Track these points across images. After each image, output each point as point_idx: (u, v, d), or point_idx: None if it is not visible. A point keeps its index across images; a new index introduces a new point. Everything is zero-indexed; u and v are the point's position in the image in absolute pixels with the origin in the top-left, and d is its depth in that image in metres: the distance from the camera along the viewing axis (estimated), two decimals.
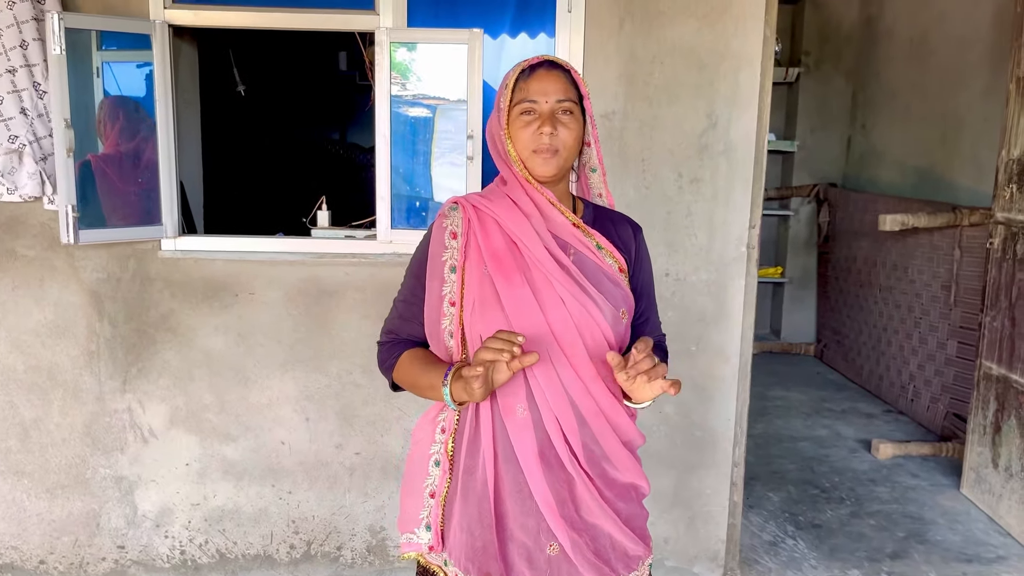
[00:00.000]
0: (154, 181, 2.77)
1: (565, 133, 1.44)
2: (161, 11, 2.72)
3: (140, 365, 2.87)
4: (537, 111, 1.44)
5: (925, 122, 5.02)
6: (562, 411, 1.41)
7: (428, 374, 1.44)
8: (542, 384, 1.41)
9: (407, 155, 2.86)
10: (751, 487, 3.68)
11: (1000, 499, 3.44)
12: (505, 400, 1.41)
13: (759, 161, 2.78)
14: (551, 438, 1.41)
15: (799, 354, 6.15)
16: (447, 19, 2.90)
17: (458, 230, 1.47)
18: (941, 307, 4.36)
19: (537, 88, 1.44)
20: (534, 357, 1.26)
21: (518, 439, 1.41)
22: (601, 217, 1.57)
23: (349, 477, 2.95)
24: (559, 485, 1.42)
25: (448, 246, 1.47)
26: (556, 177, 1.48)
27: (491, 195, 1.51)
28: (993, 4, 4.34)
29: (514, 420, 1.41)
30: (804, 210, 6.23)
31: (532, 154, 1.44)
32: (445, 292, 1.45)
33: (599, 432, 1.44)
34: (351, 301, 2.85)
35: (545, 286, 1.42)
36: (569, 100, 1.45)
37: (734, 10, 2.69)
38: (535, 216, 1.46)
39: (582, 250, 1.48)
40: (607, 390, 1.44)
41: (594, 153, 1.57)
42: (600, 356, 1.43)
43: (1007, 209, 3.45)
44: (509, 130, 1.46)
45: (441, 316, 1.46)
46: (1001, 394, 3.46)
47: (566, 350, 1.41)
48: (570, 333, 1.41)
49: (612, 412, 1.45)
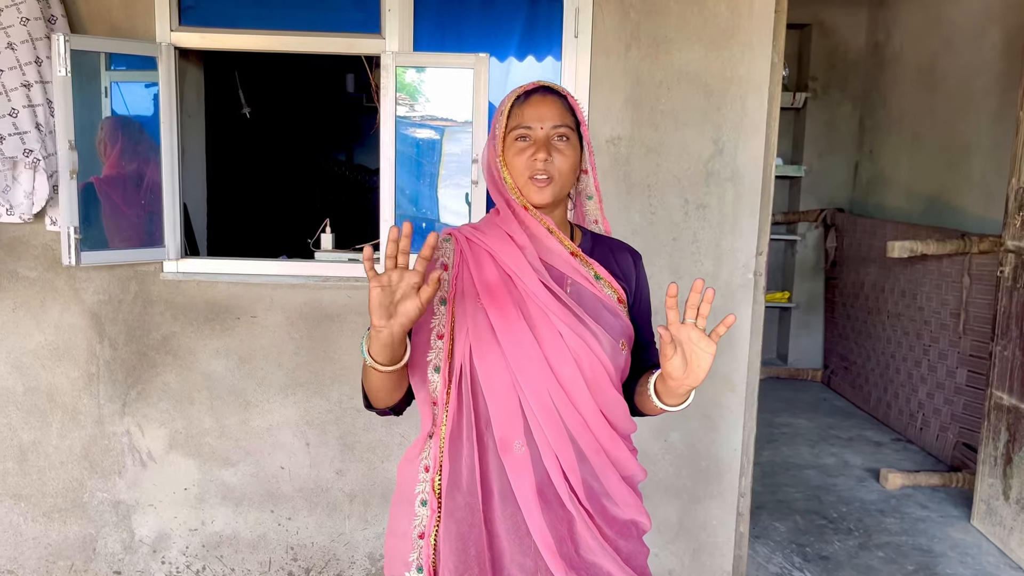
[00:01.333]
0: (157, 203, 2.76)
1: (560, 159, 1.42)
2: (167, 33, 2.72)
3: (140, 388, 2.85)
4: (532, 137, 1.42)
5: (933, 148, 5.00)
6: (561, 447, 1.37)
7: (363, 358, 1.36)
8: (540, 419, 1.36)
9: (413, 177, 2.84)
10: (757, 517, 3.62)
11: (1011, 532, 3.37)
12: (503, 435, 1.37)
13: (766, 187, 2.76)
14: (550, 475, 1.37)
15: (806, 380, 6.09)
16: (453, 43, 2.89)
17: (449, 262, 1.44)
18: (950, 335, 4.31)
19: (532, 114, 1.42)
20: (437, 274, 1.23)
21: (516, 476, 1.36)
22: (600, 245, 1.54)
23: (349, 503, 2.91)
24: (558, 523, 1.38)
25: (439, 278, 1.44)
26: (552, 204, 1.45)
27: (484, 226, 1.48)
28: (1001, 31, 4.33)
29: (512, 456, 1.36)
30: (811, 235, 6.20)
31: (528, 181, 1.41)
32: (433, 325, 1.41)
33: (599, 468, 1.40)
34: (353, 325, 2.82)
35: (542, 319, 1.38)
36: (565, 126, 1.43)
37: (741, 36, 2.68)
38: (529, 248, 1.43)
39: (580, 281, 1.44)
40: (607, 424, 1.40)
41: (591, 180, 1.54)
42: (600, 388, 1.39)
43: (1018, 237, 3.42)
44: (504, 157, 1.44)
45: (428, 349, 1.40)
46: (1012, 424, 3.41)
47: (565, 384, 1.37)
48: (568, 366, 1.37)
49: (612, 447, 1.41)
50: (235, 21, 2.80)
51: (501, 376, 1.37)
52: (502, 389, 1.37)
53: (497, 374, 1.36)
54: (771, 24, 2.67)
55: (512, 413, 1.36)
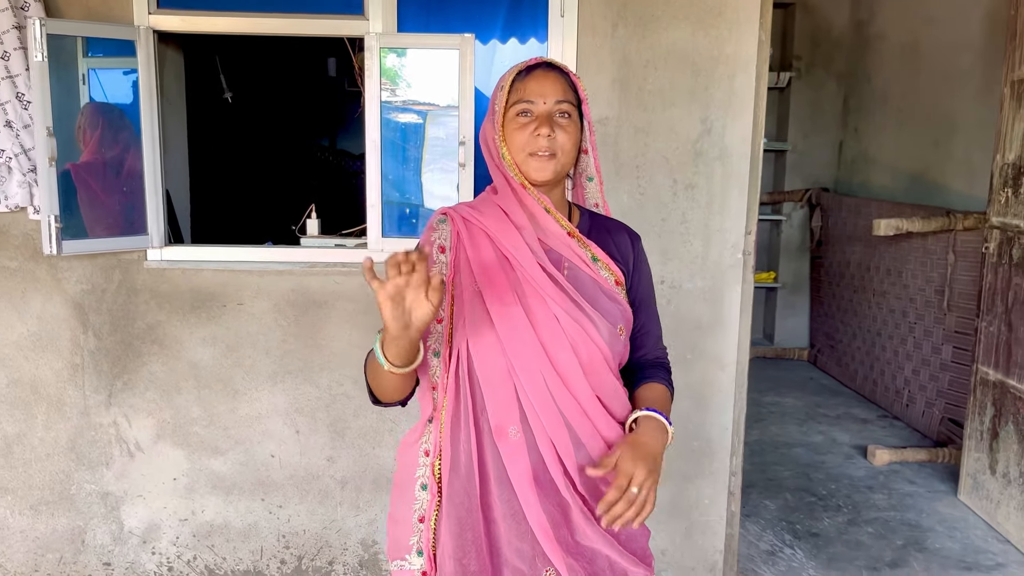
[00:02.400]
0: (139, 190, 2.72)
1: (563, 136, 1.39)
2: (145, 16, 2.67)
3: (126, 378, 2.81)
4: (534, 112, 1.39)
5: (917, 126, 5.01)
6: (557, 433, 1.35)
7: (374, 355, 1.32)
8: (536, 405, 1.34)
9: (398, 162, 2.81)
10: (747, 495, 3.65)
11: (998, 506, 3.41)
12: (498, 421, 1.35)
13: (754, 167, 2.75)
14: (545, 461, 1.36)
15: (793, 359, 6.12)
16: (438, 24, 2.85)
17: (447, 244, 1.41)
18: (935, 312, 4.34)
19: (535, 89, 1.39)
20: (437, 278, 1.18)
21: (511, 462, 1.35)
22: (598, 226, 1.52)
23: (341, 490, 2.89)
24: (554, 509, 1.36)
25: (436, 260, 1.40)
26: (553, 182, 1.42)
27: (481, 205, 1.45)
28: (984, 8, 4.33)
29: (507, 442, 1.35)
30: (797, 215, 6.21)
31: (528, 157, 1.39)
32: None
33: (596, 454, 1.38)
34: (342, 311, 2.80)
35: (538, 303, 1.36)
36: (568, 102, 1.40)
37: (728, 14, 2.66)
38: (527, 228, 1.40)
39: (577, 263, 1.42)
40: (604, 410, 1.39)
41: (591, 161, 1.52)
42: (596, 374, 1.37)
43: (1002, 213, 3.43)
44: (504, 132, 1.41)
45: (427, 333, 1.38)
46: (998, 399, 3.44)
47: (560, 369, 1.35)
48: (565, 352, 1.35)
49: (609, 432, 1.40)
50: (215, 3, 2.74)
51: (496, 361, 1.35)
52: (497, 374, 1.35)
53: (492, 359, 1.35)
54: (757, 2, 2.65)
55: (507, 399, 1.35)
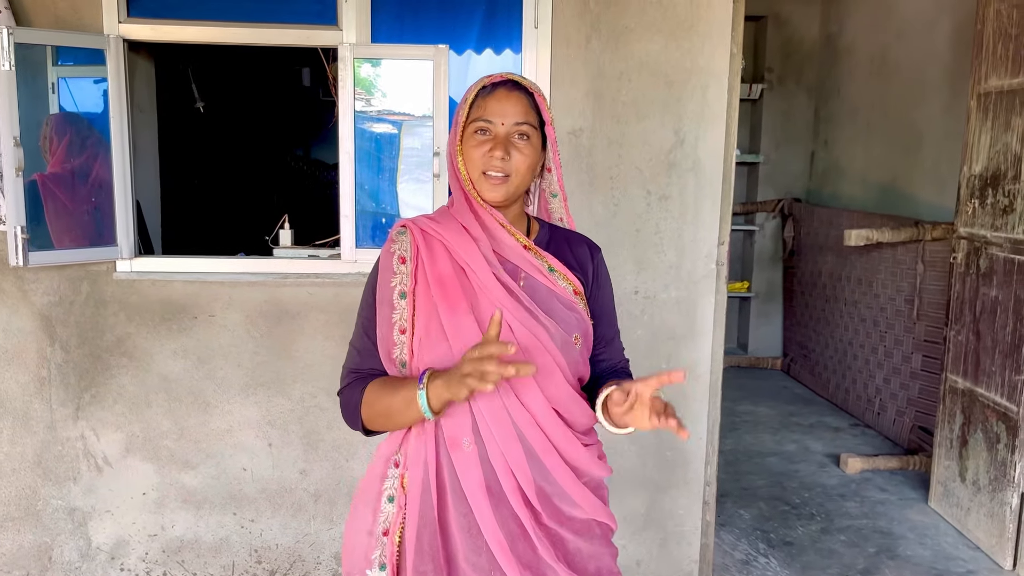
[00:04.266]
0: (108, 200, 2.68)
1: (519, 158, 1.38)
2: (115, 25, 2.64)
3: (94, 391, 2.76)
4: (492, 132, 1.39)
5: (886, 137, 5.09)
6: (509, 445, 1.34)
7: (405, 388, 1.32)
8: (487, 416, 1.33)
9: (372, 172, 2.80)
10: (722, 504, 3.66)
11: (968, 513, 3.45)
12: (451, 432, 1.34)
13: (727, 178, 2.77)
14: (497, 474, 1.34)
15: (766, 368, 6.17)
16: (412, 34, 2.85)
17: (407, 254, 1.40)
18: (905, 321, 4.40)
19: (495, 108, 1.38)
20: (530, 368, 1.20)
21: (464, 474, 1.34)
22: (557, 238, 1.51)
23: (314, 504, 2.86)
24: (509, 522, 1.34)
25: (397, 271, 1.40)
26: (506, 202, 1.42)
27: (440, 218, 1.45)
28: (951, 22, 4.41)
29: (460, 454, 1.34)
30: (769, 225, 6.27)
31: (482, 176, 1.39)
32: (395, 319, 1.38)
33: (552, 468, 1.37)
34: (315, 323, 2.77)
35: (489, 311, 1.35)
36: (527, 124, 1.39)
37: (701, 27, 2.68)
38: (483, 240, 1.40)
39: (533, 274, 1.41)
40: (560, 422, 1.37)
41: (555, 179, 1.52)
42: (552, 383, 1.36)
43: (970, 224, 3.49)
44: (462, 147, 1.40)
45: (392, 345, 1.38)
46: (967, 407, 3.49)
47: (515, 383, 1.34)
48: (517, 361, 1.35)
49: (566, 446, 1.38)
50: (186, 12, 2.72)
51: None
52: None
53: (443, 370, 1.33)
54: (730, 14, 2.68)
55: (460, 410, 1.33)
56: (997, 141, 3.30)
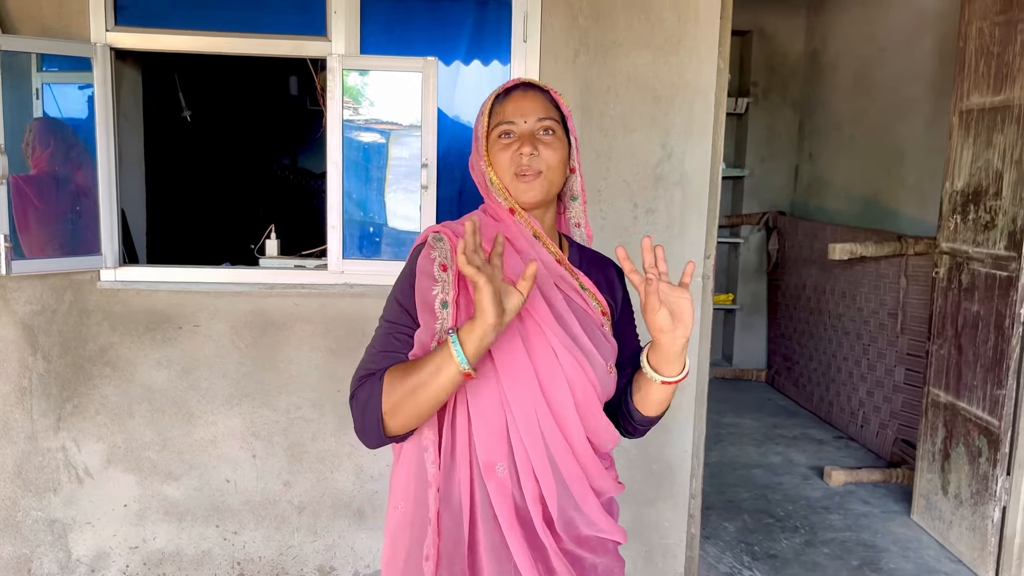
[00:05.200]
0: (93, 209, 2.67)
1: (548, 152, 1.35)
2: (103, 34, 2.63)
3: (76, 401, 2.74)
4: (516, 132, 1.35)
5: (870, 152, 5.14)
6: (543, 472, 1.31)
7: (430, 360, 1.22)
8: (525, 442, 1.30)
9: (361, 181, 2.80)
10: (707, 517, 3.66)
11: (950, 526, 3.48)
12: (486, 458, 1.30)
13: (713, 192, 2.79)
14: (527, 500, 1.31)
15: (751, 380, 6.20)
16: (401, 46, 2.86)
17: (447, 262, 1.33)
18: (888, 334, 4.43)
19: (514, 109, 1.36)
20: (534, 265, 1.17)
21: (498, 499, 1.30)
22: (587, 259, 1.48)
23: (298, 516, 2.84)
24: (536, 547, 1.32)
25: (439, 279, 1.32)
26: (543, 202, 1.38)
27: (481, 227, 1.38)
28: (933, 39, 4.47)
29: (494, 479, 1.30)
30: (754, 238, 6.31)
31: (515, 178, 1.35)
32: (437, 328, 1.30)
33: (579, 495, 1.35)
34: (300, 333, 2.76)
35: (536, 334, 1.30)
36: (550, 119, 1.36)
37: (688, 42, 2.70)
38: (529, 254, 1.35)
39: (569, 292, 1.38)
40: (591, 451, 1.35)
41: (577, 180, 1.47)
42: (590, 414, 1.33)
43: (952, 239, 3.53)
44: (489, 156, 1.37)
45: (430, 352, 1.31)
46: (949, 421, 3.52)
47: (554, 406, 1.29)
48: (561, 390, 1.29)
49: (595, 472, 1.36)
50: (174, 21, 2.72)
51: (490, 393, 1.30)
52: (489, 407, 1.30)
53: (486, 390, 1.29)
54: (716, 30, 2.70)
55: (497, 434, 1.30)
56: (979, 157, 3.34)
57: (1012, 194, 3.13)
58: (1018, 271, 3.08)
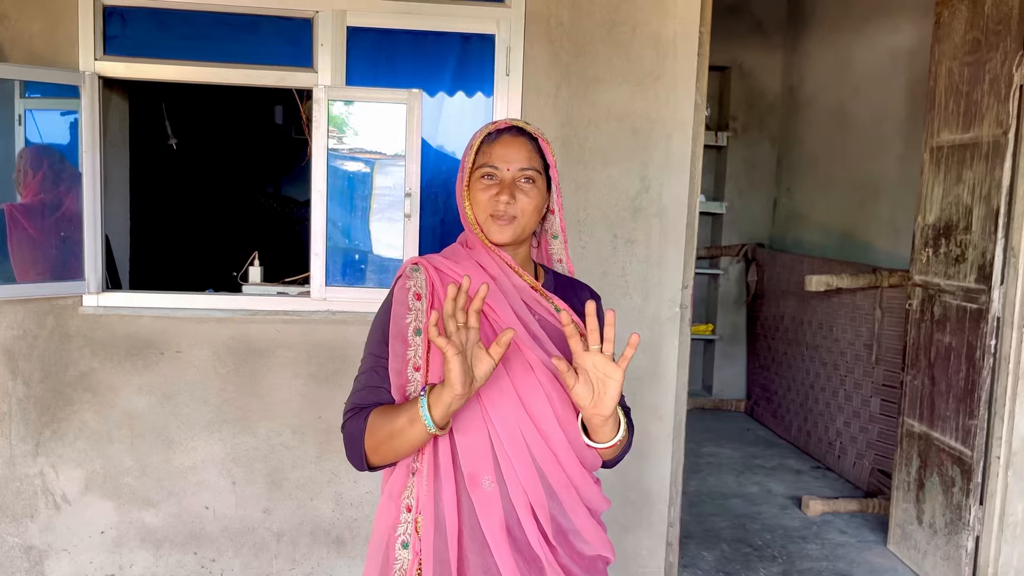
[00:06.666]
0: (77, 234, 2.68)
1: (525, 201, 1.42)
2: (92, 62, 2.66)
3: (55, 427, 2.73)
4: (498, 177, 1.42)
5: (845, 187, 5.25)
6: (531, 483, 1.34)
7: (404, 410, 1.29)
8: (510, 454, 1.33)
9: (346, 210, 2.84)
10: (685, 546, 3.68)
11: (925, 556, 3.51)
12: (471, 470, 1.33)
13: (691, 223, 2.85)
14: (518, 513, 1.34)
15: (730, 410, 6.24)
16: (386, 77, 2.91)
17: (422, 291, 1.41)
18: (864, 365, 4.50)
19: (500, 154, 1.42)
20: (510, 333, 1.23)
21: (485, 514, 1.33)
22: (562, 284, 1.55)
23: (277, 543, 2.84)
24: (527, 563, 1.34)
25: (412, 307, 1.39)
26: (514, 242, 1.45)
27: (454, 256, 1.47)
28: (906, 78, 4.60)
29: (480, 493, 1.33)
30: (733, 269, 6.39)
31: (489, 218, 1.42)
32: (410, 356, 1.37)
33: (569, 505, 1.37)
34: (282, 360, 2.78)
35: (513, 352, 1.36)
36: (532, 169, 1.43)
37: (666, 78, 2.78)
38: (502, 280, 1.42)
39: (543, 314, 1.44)
40: (577, 460, 1.38)
41: (557, 220, 1.55)
42: (570, 424, 1.37)
43: (924, 272, 3.61)
44: (469, 192, 1.44)
45: (406, 382, 1.37)
46: (923, 451, 3.57)
47: (536, 419, 1.34)
48: (540, 401, 1.35)
49: (582, 483, 1.38)
50: (162, 51, 2.76)
51: (471, 409, 1.34)
52: (472, 423, 1.34)
53: (467, 408, 1.33)
54: (694, 67, 2.78)
55: (482, 448, 1.34)
56: (949, 193, 3.43)
57: (981, 228, 3.22)
58: (988, 303, 3.16)
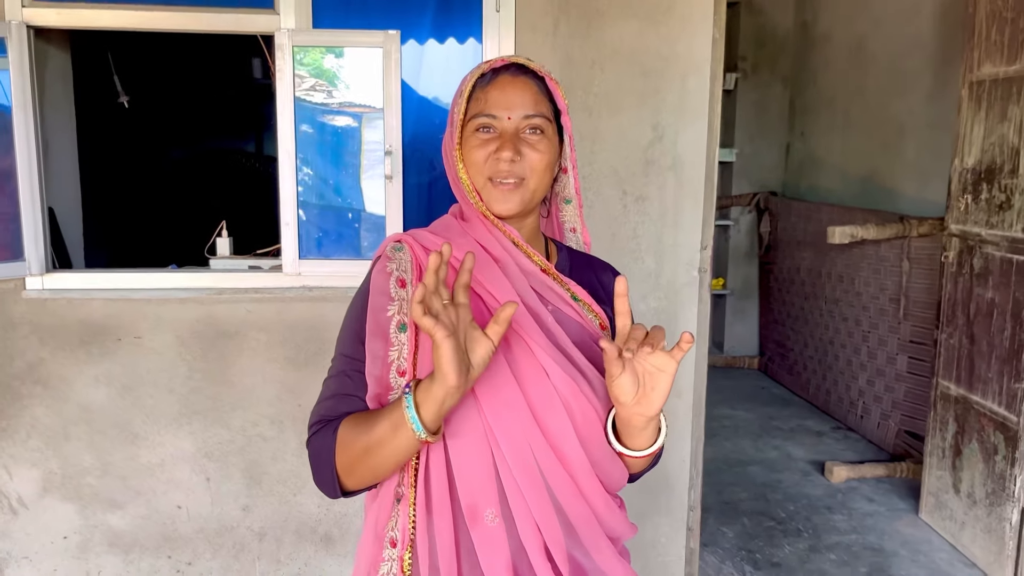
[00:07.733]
0: (14, 208, 2.36)
1: (534, 157, 1.12)
2: (18, 10, 2.31)
3: (3, 424, 2.45)
4: (497, 128, 1.12)
5: (865, 129, 4.89)
6: (544, 517, 1.06)
7: (386, 416, 1.01)
8: (520, 482, 1.04)
9: (333, 167, 2.53)
10: (704, 521, 3.42)
11: (963, 527, 3.26)
12: (471, 501, 1.05)
13: (710, 176, 2.53)
14: (528, 553, 1.06)
15: (743, 368, 5.97)
16: (359, 20, 2.57)
17: (407, 276, 1.11)
18: (890, 321, 4.20)
19: (498, 99, 1.12)
20: (511, 307, 0.95)
21: (486, 554, 1.04)
22: (579, 263, 1.24)
23: (259, 543, 2.58)
24: None
25: (395, 297, 1.09)
26: (522, 212, 1.15)
27: (446, 232, 1.16)
28: (934, 8, 4.21)
29: (481, 529, 1.04)
30: (744, 220, 6.07)
31: (488, 184, 1.12)
32: (392, 357, 1.07)
33: (591, 542, 1.10)
34: (254, 343, 2.48)
35: (523, 353, 1.08)
36: (540, 116, 1.13)
37: (679, 10, 2.43)
38: (507, 262, 1.13)
39: (559, 304, 1.15)
40: (600, 486, 1.10)
41: (571, 181, 1.25)
42: (593, 442, 1.08)
43: (962, 221, 3.28)
44: (462, 150, 1.13)
45: (387, 389, 1.07)
46: (961, 416, 3.29)
47: (551, 436, 1.06)
48: (557, 416, 1.06)
49: (607, 512, 1.11)
50: None
51: (471, 425, 1.05)
52: (471, 442, 1.05)
53: (465, 423, 1.05)
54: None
55: (483, 474, 1.05)
56: (992, 132, 3.09)
57: None
58: None
